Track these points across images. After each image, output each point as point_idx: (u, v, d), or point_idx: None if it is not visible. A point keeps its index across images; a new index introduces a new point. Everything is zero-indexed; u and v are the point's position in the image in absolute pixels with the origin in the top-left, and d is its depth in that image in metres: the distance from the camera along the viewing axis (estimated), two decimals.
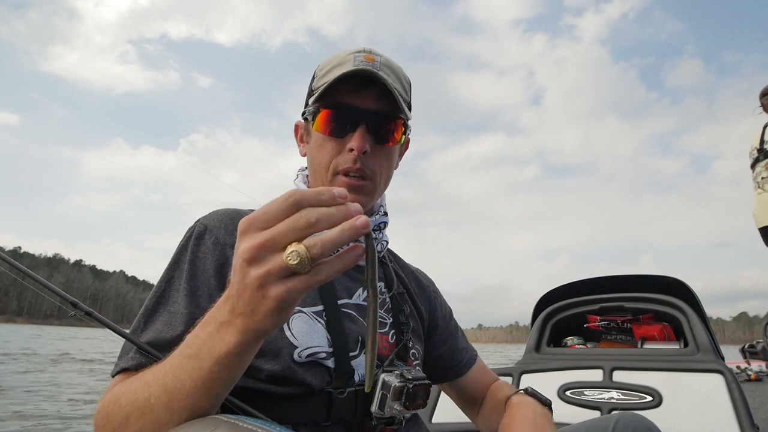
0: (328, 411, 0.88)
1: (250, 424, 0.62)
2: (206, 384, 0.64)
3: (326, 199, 0.56)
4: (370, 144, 0.96)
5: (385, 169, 1.02)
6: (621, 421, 0.93)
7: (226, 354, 0.62)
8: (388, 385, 0.89)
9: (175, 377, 0.66)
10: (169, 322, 0.86)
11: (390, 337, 1.03)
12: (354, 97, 0.96)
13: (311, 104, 1.00)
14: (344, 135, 0.97)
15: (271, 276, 0.55)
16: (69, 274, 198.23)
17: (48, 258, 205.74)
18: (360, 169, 0.96)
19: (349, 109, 0.97)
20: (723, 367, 1.94)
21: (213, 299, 0.86)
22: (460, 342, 1.25)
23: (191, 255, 0.92)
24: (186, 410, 0.65)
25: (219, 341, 0.62)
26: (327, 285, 0.96)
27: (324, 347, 0.90)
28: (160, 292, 0.90)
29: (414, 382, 0.90)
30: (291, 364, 0.86)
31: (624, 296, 2.39)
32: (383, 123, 0.99)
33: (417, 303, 1.17)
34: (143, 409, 0.68)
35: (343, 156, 0.97)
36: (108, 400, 0.75)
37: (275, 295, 0.55)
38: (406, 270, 1.23)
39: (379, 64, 0.98)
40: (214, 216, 0.97)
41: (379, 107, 0.97)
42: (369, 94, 0.97)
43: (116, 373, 0.84)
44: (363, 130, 0.96)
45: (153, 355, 0.81)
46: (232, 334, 0.61)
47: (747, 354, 5.36)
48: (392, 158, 1.04)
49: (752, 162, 3.97)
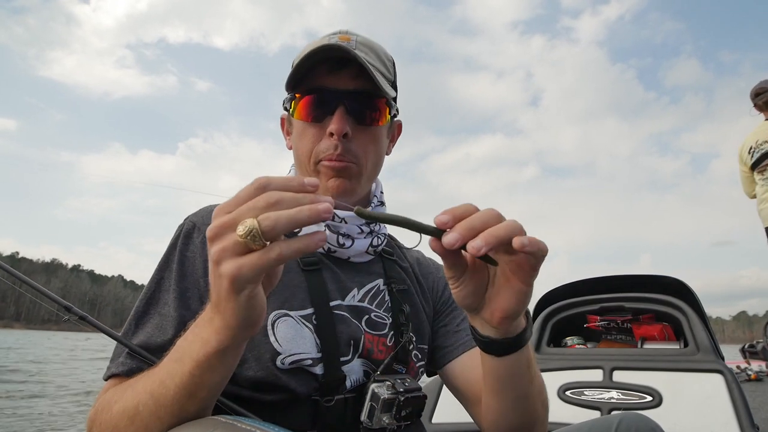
0: (314, 419, 0.85)
1: (247, 424, 0.61)
2: (189, 389, 0.64)
3: (294, 185, 0.56)
4: (351, 126, 0.92)
5: (371, 152, 0.97)
6: (624, 421, 0.89)
7: (205, 355, 0.62)
8: (377, 397, 0.86)
9: (161, 383, 0.65)
10: (160, 325, 0.84)
11: (388, 340, 0.98)
12: (330, 78, 0.93)
13: (288, 92, 0.97)
14: (323, 119, 0.93)
15: (226, 252, 0.55)
16: (67, 279, 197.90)
17: (46, 263, 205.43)
18: (341, 155, 0.92)
19: (325, 91, 0.93)
20: (723, 367, 1.94)
21: (203, 300, 0.86)
22: (461, 325, 1.11)
23: (180, 255, 0.90)
24: (173, 416, 0.65)
25: (199, 342, 0.62)
26: (318, 286, 0.93)
27: (311, 353, 0.87)
28: (150, 294, 0.89)
29: (406, 394, 0.87)
30: (274, 370, 0.84)
31: (624, 296, 2.38)
32: (363, 103, 0.94)
33: (423, 295, 1.11)
34: (132, 418, 0.67)
35: (324, 142, 0.93)
36: (100, 407, 0.75)
37: (227, 273, 0.55)
38: (410, 258, 1.16)
39: (356, 43, 0.94)
40: (203, 213, 0.96)
41: (358, 86, 0.93)
42: (346, 74, 0.93)
43: (108, 377, 0.83)
44: (342, 111, 0.92)
45: (146, 359, 0.80)
46: (209, 333, 0.61)
47: (747, 354, 5.34)
48: (378, 141, 0.99)
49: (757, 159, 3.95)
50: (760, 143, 3.93)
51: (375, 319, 0.99)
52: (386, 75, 0.98)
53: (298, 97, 0.94)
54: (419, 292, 1.11)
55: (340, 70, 0.92)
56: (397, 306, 1.02)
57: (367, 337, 0.95)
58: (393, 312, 1.02)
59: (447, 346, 1.09)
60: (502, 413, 0.87)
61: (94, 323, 0.92)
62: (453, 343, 1.08)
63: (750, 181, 4.11)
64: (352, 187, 0.95)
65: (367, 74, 0.90)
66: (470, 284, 0.72)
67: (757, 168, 3.97)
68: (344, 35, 0.95)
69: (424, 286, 1.13)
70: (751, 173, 4.05)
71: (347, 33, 0.97)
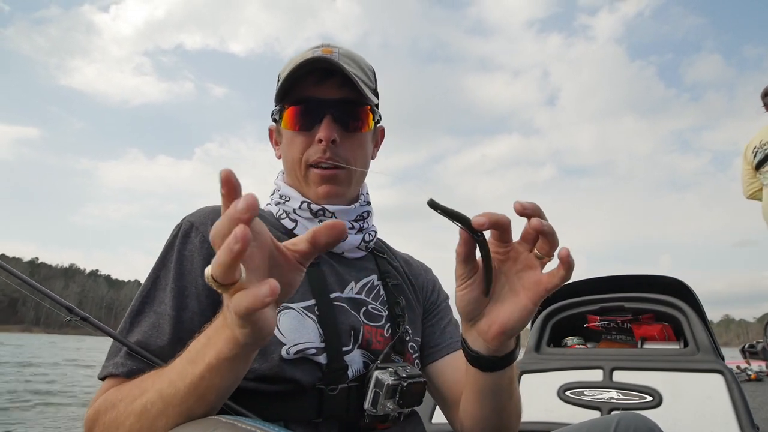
0: (320, 408, 0.85)
1: (248, 424, 0.61)
2: (199, 391, 0.63)
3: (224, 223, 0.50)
4: (338, 133, 0.96)
5: (359, 157, 1.01)
6: (623, 421, 0.90)
7: (216, 360, 0.61)
8: (381, 383, 0.86)
9: (171, 383, 0.65)
10: (156, 324, 0.83)
11: (385, 331, 0.99)
12: (316, 89, 0.96)
13: (276, 104, 1.01)
14: (312, 128, 0.97)
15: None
16: (84, 284, 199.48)
17: (64, 268, 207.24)
18: (331, 158, 0.95)
19: (312, 101, 0.96)
20: (723, 367, 1.91)
21: (200, 299, 0.86)
22: (447, 327, 1.14)
23: (178, 254, 0.89)
24: (180, 416, 0.65)
25: (212, 346, 0.62)
26: (318, 278, 0.94)
27: (314, 343, 0.86)
28: (146, 292, 0.87)
29: (408, 380, 0.87)
30: (279, 361, 0.83)
31: (624, 296, 2.35)
32: (349, 111, 0.98)
33: (415, 292, 1.13)
34: (140, 416, 0.67)
35: (313, 148, 0.96)
36: (102, 407, 0.73)
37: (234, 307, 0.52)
38: (399, 258, 1.18)
39: (338, 55, 0.98)
40: (201, 213, 0.95)
41: (342, 95, 0.97)
42: (331, 84, 0.96)
43: (104, 376, 0.82)
44: (329, 119, 0.95)
45: (147, 359, 0.79)
46: (221, 340, 0.61)
47: (747, 354, 5.27)
48: (364, 146, 1.03)
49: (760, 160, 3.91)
50: (764, 143, 3.89)
51: (372, 311, 1.00)
52: (368, 84, 1.02)
53: (286, 107, 0.98)
54: (410, 290, 1.12)
55: (326, 80, 0.96)
56: (392, 299, 1.03)
57: (366, 328, 0.95)
58: (389, 304, 1.03)
59: (432, 346, 1.11)
60: (478, 422, 0.92)
61: (97, 324, 0.91)
62: (438, 344, 1.11)
63: (750, 179, 4.07)
64: (341, 191, 0.99)
65: (351, 84, 0.94)
66: (477, 289, 0.73)
67: (760, 169, 3.93)
68: (327, 48, 1.00)
69: (415, 285, 1.15)
70: (754, 173, 4.01)
71: (329, 46, 1.01)
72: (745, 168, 4.13)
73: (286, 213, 1.01)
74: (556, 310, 2.47)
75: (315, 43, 1.04)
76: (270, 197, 1.08)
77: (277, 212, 1.03)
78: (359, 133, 1.00)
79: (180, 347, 0.70)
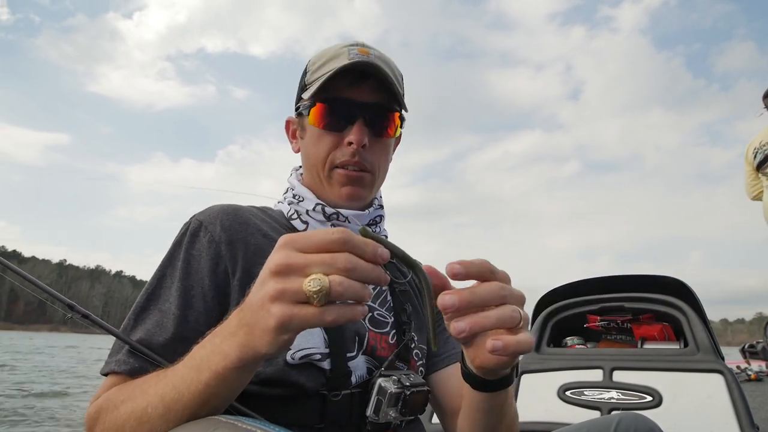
0: (322, 413, 0.81)
1: (248, 424, 0.59)
2: (203, 397, 0.61)
3: (369, 251, 0.53)
4: (368, 137, 0.92)
5: (383, 162, 0.98)
6: (623, 421, 0.86)
7: (224, 368, 0.58)
8: (384, 391, 0.82)
9: (174, 388, 0.62)
10: (160, 322, 0.80)
11: (390, 338, 0.94)
12: (351, 90, 0.92)
13: (307, 98, 0.95)
14: (342, 129, 0.92)
15: (285, 295, 0.52)
16: (110, 284, 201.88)
17: (91, 270, 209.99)
18: (358, 162, 0.92)
19: (347, 102, 0.92)
20: (723, 367, 1.87)
21: (206, 299, 0.82)
22: (449, 337, 1.05)
23: (185, 253, 0.85)
24: (182, 420, 0.62)
25: (219, 354, 0.59)
26: None
27: (319, 348, 0.83)
28: (151, 290, 0.84)
29: (412, 388, 0.83)
30: (284, 366, 0.80)
31: (624, 296, 2.30)
32: (381, 116, 0.94)
33: (420, 301, 1.07)
34: (140, 419, 0.64)
35: (341, 149, 0.92)
36: (104, 406, 0.71)
37: (278, 314, 0.52)
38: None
39: (374, 57, 0.93)
40: (210, 212, 0.91)
41: (377, 100, 0.93)
42: (366, 87, 0.92)
43: (107, 373, 0.79)
44: (361, 123, 0.91)
45: (150, 359, 0.76)
46: (231, 346, 0.58)
47: (747, 354, 5.17)
48: (389, 152, 1.00)
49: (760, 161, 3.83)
50: (764, 144, 3.82)
51: (377, 317, 0.95)
52: (400, 90, 0.97)
53: (318, 104, 0.93)
54: (417, 296, 1.07)
55: (362, 83, 0.92)
56: (399, 305, 0.99)
57: (371, 334, 0.92)
58: (395, 311, 0.98)
59: (435, 355, 1.04)
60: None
61: (98, 322, 0.87)
62: (442, 353, 1.04)
63: (753, 181, 3.99)
64: (364, 194, 0.96)
65: (386, 88, 0.91)
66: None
67: (761, 170, 3.86)
68: (363, 48, 0.94)
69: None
70: (756, 174, 3.93)
71: (365, 46, 0.95)
72: (747, 169, 4.05)
73: (298, 213, 0.97)
74: (556, 310, 2.43)
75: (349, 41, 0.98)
76: (283, 195, 1.03)
77: (289, 212, 0.98)
78: (387, 138, 0.97)
79: (183, 346, 0.68)
